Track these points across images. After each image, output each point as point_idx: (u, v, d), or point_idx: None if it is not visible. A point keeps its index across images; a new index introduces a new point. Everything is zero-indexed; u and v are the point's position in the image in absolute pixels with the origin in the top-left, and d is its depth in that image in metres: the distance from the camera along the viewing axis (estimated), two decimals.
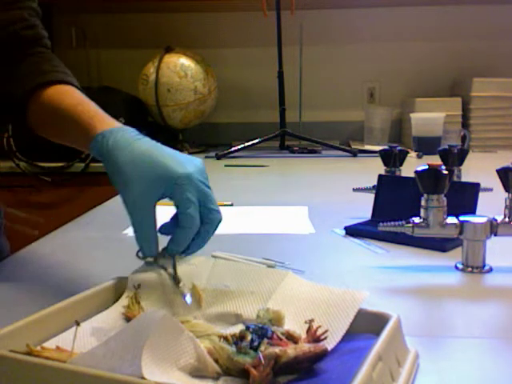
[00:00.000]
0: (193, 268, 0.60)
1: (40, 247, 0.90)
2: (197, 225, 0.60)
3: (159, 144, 0.64)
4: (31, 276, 0.76)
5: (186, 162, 0.61)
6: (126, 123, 0.69)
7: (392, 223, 0.76)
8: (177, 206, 0.61)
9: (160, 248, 0.62)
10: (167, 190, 0.60)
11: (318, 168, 1.82)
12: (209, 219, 0.61)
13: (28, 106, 0.77)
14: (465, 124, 2.19)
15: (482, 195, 0.89)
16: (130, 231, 0.97)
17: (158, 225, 0.62)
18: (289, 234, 0.97)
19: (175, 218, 0.61)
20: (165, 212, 0.63)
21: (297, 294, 0.54)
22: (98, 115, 0.69)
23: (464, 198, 0.88)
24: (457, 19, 2.42)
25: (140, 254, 0.61)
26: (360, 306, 0.50)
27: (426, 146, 1.98)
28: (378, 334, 0.46)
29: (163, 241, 0.62)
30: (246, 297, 0.55)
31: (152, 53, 2.21)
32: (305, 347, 0.44)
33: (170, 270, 0.59)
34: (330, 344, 0.47)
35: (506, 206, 0.75)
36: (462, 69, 2.41)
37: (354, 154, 2.04)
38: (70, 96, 0.75)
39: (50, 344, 0.48)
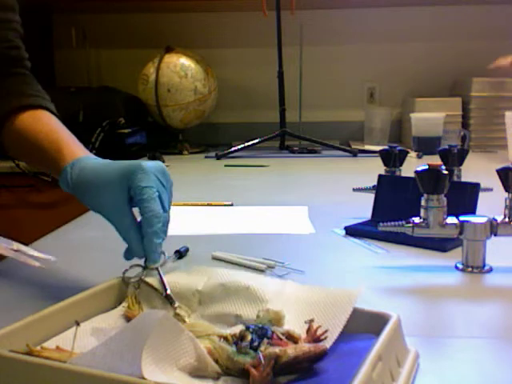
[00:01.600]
0: (191, 277, 0.60)
1: (40, 247, 0.90)
2: (155, 209, 0.60)
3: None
4: (31, 276, 0.76)
5: (142, 161, 0.64)
6: (126, 123, 0.71)
7: (392, 223, 0.76)
8: (137, 203, 0.62)
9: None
10: (131, 188, 0.62)
11: (318, 168, 1.82)
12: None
13: (3, 128, 0.80)
14: (465, 124, 2.19)
15: (481, 195, 0.89)
16: None
17: None
18: (289, 234, 0.97)
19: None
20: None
21: (295, 296, 0.54)
22: (69, 143, 0.73)
23: (464, 198, 0.88)
24: (457, 19, 2.42)
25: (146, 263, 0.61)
26: (356, 301, 0.50)
27: (426, 145, 1.98)
28: (377, 334, 0.46)
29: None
30: (245, 298, 0.55)
31: (152, 53, 2.21)
32: (305, 347, 0.44)
33: (161, 289, 0.58)
34: (328, 342, 0.47)
35: (506, 206, 0.75)
36: (462, 69, 2.40)
37: (354, 153, 2.04)
38: (42, 124, 0.78)
39: (50, 344, 0.48)
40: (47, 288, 0.70)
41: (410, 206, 0.79)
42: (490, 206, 0.84)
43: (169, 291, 0.57)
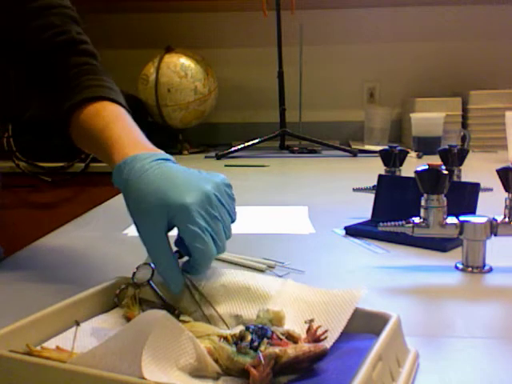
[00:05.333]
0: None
1: (40, 247, 0.90)
2: (209, 253, 0.57)
3: (174, 169, 0.61)
4: (31, 276, 0.76)
5: (189, 191, 0.57)
6: None
7: (392, 223, 0.76)
8: (183, 238, 0.58)
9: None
10: (170, 222, 0.57)
11: (318, 168, 1.82)
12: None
13: (69, 123, 0.77)
14: (465, 124, 2.19)
15: (481, 195, 0.89)
16: (130, 231, 0.97)
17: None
18: (289, 234, 0.97)
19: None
20: None
21: (296, 296, 0.54)
22: (119, 141, 0.67)
23: (464, 197, 0.88)
24: (457, 19, 2.42)
25: (135, 280, 0.58)
26: (357, 302, 0.50)
27: (425, 145, 1.98)
28: (377, 334, 0.46)
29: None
30: (246, 298, 0.55)
31: (152, 53, 2.21)
32: (305, 347, 0.44)
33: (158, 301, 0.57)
34: (329, 342, 0.47)
35: (506, 206, 0.75)
36: (462, 68, 2.41)
37: (354, 154, 2.04)
38: (101, 117, 0.73)
39: (50, 344, 0.48)
40: (47, 288, 0.70)
41: (410, 206, 0.79)
42: (490, 206, 0.84)
43: (167, 300, 0.56)
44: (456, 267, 0.76)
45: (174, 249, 0.59)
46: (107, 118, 0.73)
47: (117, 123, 0.72)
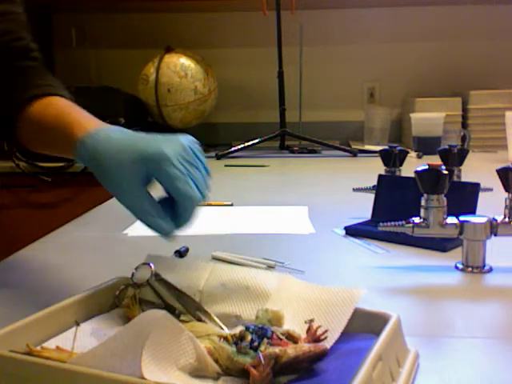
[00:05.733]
0: (192, 273, 0.59)
1: (40, 247, 0.90)
2: (192, 194, 0.58)
3: (142, 133, 0.64)
4: (31, 276, 0.76)
5: (165, 142, 0.61)
6: (125, 123, 0.69)
7: (392, 223, 0.76)
8: (164, 187, 0.59)
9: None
10: (149, 173, 0.59)
11: (318, 168, 1.82)
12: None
13: (16, 123, 0.77)
14: (465, 124, 2.19)
15: (481, 195, 0.89)
16: (130, 231, 0.97)
17: None
18: (289, 234, 0.97)
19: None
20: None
21: (295, 294, 0.54)
22: (76, 121, 0.68)
23: (464, 197, 0.88)
24: (457, 19, 2.42)
25: (134, 279, 0.58)
26: (357, 302, 0.50)
27: (425, 145, 1.98)
28: (377, 334, 0.46)
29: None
30: (245, 298, 0.55)
31: (152, 53, 2.21)
32: (305, 347, 0.44)
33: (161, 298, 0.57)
34: (329, 342, 0.47)
35: (506, 206, 0.75)
36: (462, 69, 2.41)
37: (354, 154, 2.04)
38: (52, 107, 0.75)
39: (50, 344, 0.48)
40: (47, 288, 0.70)
41: (410, 206, 0.79)
42: (490, 206, 0.84)
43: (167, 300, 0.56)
44: (456, 267, 0.76)
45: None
46: (60, 108, 0.74)
47: (71, 108, 0.73)
